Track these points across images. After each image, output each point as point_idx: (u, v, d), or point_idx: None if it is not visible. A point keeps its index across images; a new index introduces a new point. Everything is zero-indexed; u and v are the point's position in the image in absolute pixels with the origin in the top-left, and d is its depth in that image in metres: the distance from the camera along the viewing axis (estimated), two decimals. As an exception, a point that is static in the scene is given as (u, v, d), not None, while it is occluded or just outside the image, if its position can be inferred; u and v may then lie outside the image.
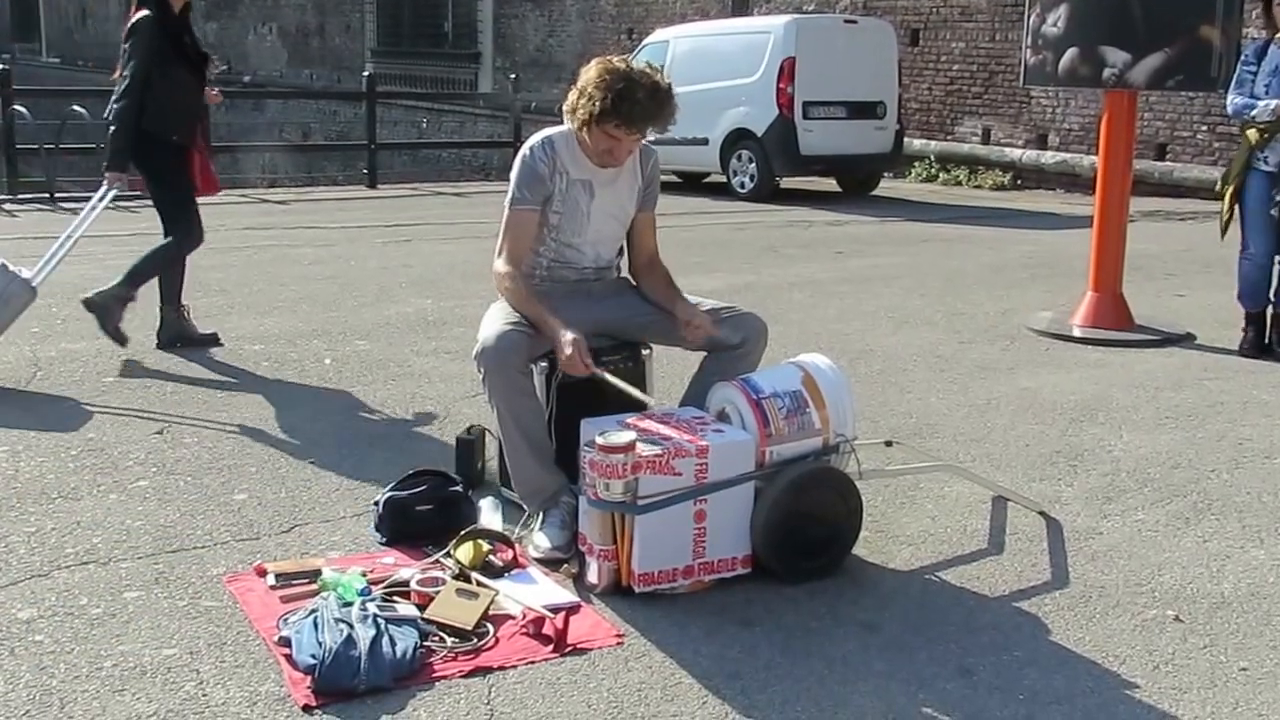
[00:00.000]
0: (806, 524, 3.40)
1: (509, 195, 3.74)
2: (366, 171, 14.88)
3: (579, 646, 3.06)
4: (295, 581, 3.35)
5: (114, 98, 5.69)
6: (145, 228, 10.54)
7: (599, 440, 3.21)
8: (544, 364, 3.67)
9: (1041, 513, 3.97)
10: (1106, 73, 6.14)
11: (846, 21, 13.45)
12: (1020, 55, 6.97)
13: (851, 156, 13.11)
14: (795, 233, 10.77)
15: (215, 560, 3.54)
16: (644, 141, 3.79)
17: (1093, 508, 4.06)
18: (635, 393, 3.60)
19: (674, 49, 13.64)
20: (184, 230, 5.93)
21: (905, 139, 14.15)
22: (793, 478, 3.39)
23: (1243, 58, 6.04)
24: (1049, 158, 14.12)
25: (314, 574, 3.36)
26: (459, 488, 3.78)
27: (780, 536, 3.37)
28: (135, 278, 5.86)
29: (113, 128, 5.68)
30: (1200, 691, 2.91)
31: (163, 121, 5.72)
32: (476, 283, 6.74)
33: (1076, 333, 6.46)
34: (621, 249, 3.99)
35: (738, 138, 13.11)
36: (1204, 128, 12.77)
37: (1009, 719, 2.78)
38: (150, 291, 5.99)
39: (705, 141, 13.20)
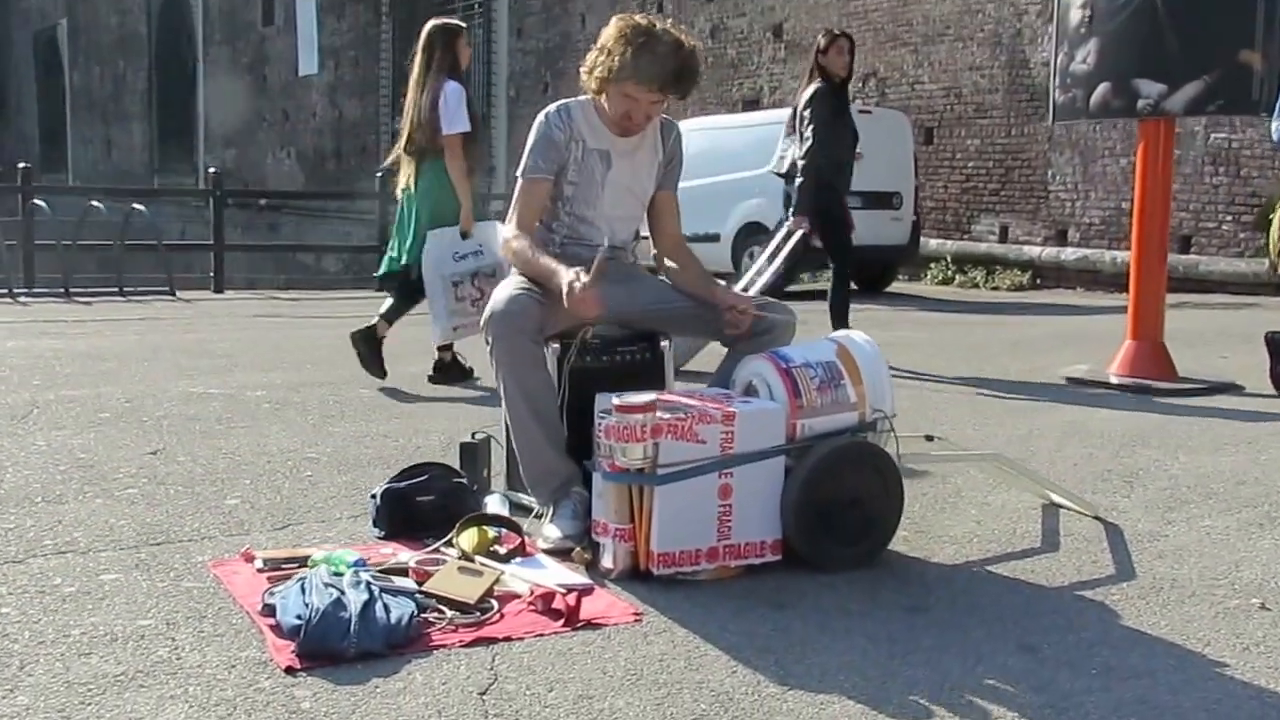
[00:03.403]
0: (843, 505, 3.11)
1: (522, 165, 3.54)
2: (376, 276, 14.74)
3: (593, 622, 2.76)
4: (284, 566, 3.06)
5: (800, 154, 6.80)
6: (134, 315, 10.43)
7: (616, 401, 2.95)
8: (556, 345, 3.43)
9: (1097, 517, 3.66)
10: (1141, 103, 5.96)
11: (861, 111, 13.36)
12: (1048, 94, 6.81)
13: (867, 247, 12.86)
14: (809, 317, 10.52)
15: (201, 551, 3.27)
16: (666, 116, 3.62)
17: (1154, 515, 3.74)
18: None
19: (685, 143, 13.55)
20: (846, 259, 7.15)
21: (921, 239, 14.01)
22: (827, 452, 3.11)
23: None
24: (1069, 254, 13.95)
25: (304, 560, 3.08)
26: (463, 479, 3.50)
27: (814, 518, 3.08)
28: (839, 318, 6.99)
29: (801, 179, 6.79)
30: (1298, 669, 2.58)
31: (833, 173, 6.84)
32: (482, 350, 6.50)
33: (1114, 381, 6.17)
34: (637, 233, 3.77)
35: (750, 233, 12.94)
36: (1229, 218, 12.59)
37: (1082, 691, 2.45)
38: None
39: (716, 238, 13.05)
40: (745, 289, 6.15)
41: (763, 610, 2.86)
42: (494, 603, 2.81)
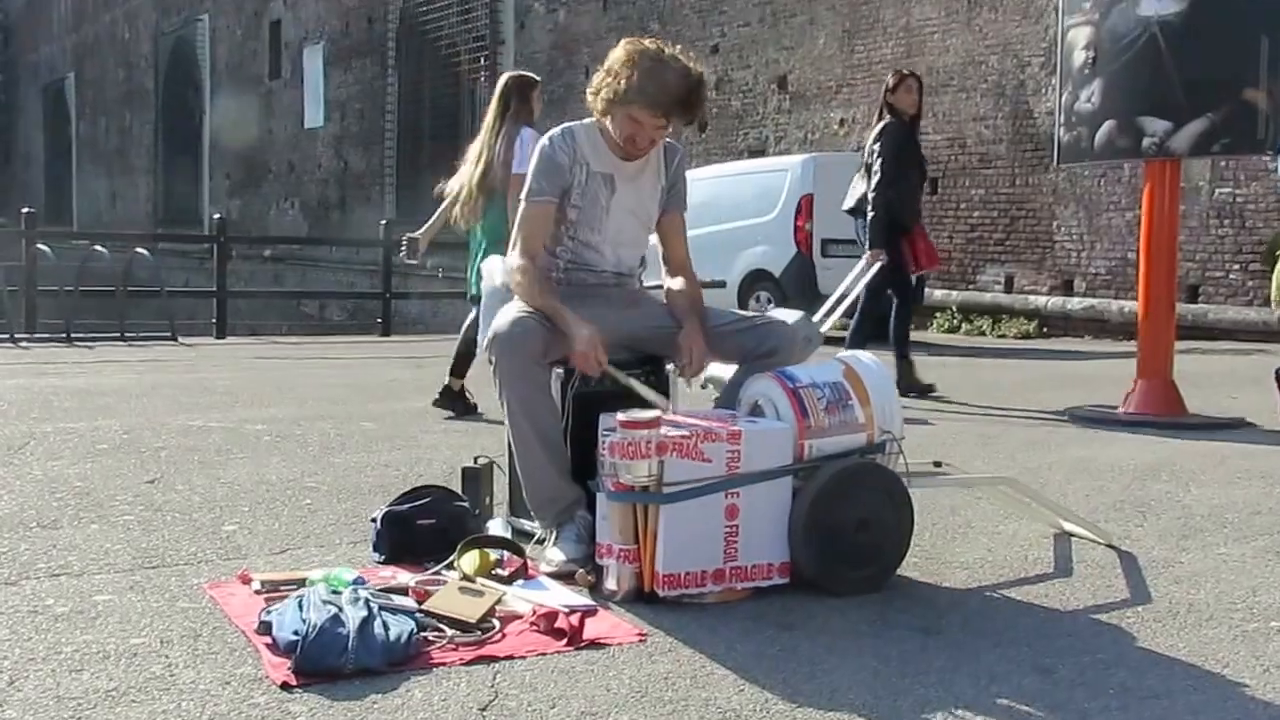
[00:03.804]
0: (851, 527, 3.05)
1: (525, 188, 3.50)
2: (380, 320, 14.74)
3: (597, 642, 2.69)
4: (282, 588, 2.99)
5: (870, 188, 7.06)
6: (135, 357, 10.18)
7: (621, 416, 2.90)
8: (560, 371, 3.38)
9: (1111, 545, 3.59)
10: (1146, 142, 5.93)
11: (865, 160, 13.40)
12: (1054, 134, 6.80)
13: (873, 297, 12.83)
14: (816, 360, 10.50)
15: (197, 574, 3.20)
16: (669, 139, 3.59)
17: (1169, 543, 3.68)
18: (652, 395, 3.28)
19: (690, 192, 13.55)
20: (906, 292, 7.46)
21: (926, 289, 13.93)
22: (836, 473, 3.05)
23: None
24: (1075, 303, 13.90)
25: (302, 582, 3.01)
26: (464, 503, 3.44)
27: (822, 540, 3.02)
28: (900, 344, 7.37)
29: (872, 214, 7.04)
30: (1321, 691, 2.51)
31: (901, 209, 7.09)
32: (488, 388, 6.47)
33: (1124, 418, 6.11)
34: (643, 259, 3.73)
35: (755, 279, 12.90)
36: (1236, 266, 12.56)
37: (1100, 711, 2.39)
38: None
39: (723, 284, 13.00)
40: (821, 321, 6.23)
41: (770, 631, 2.80)
42: (495, 622, 2.75)
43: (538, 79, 6.54)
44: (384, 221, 16.30)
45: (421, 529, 3.31)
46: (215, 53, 35.32)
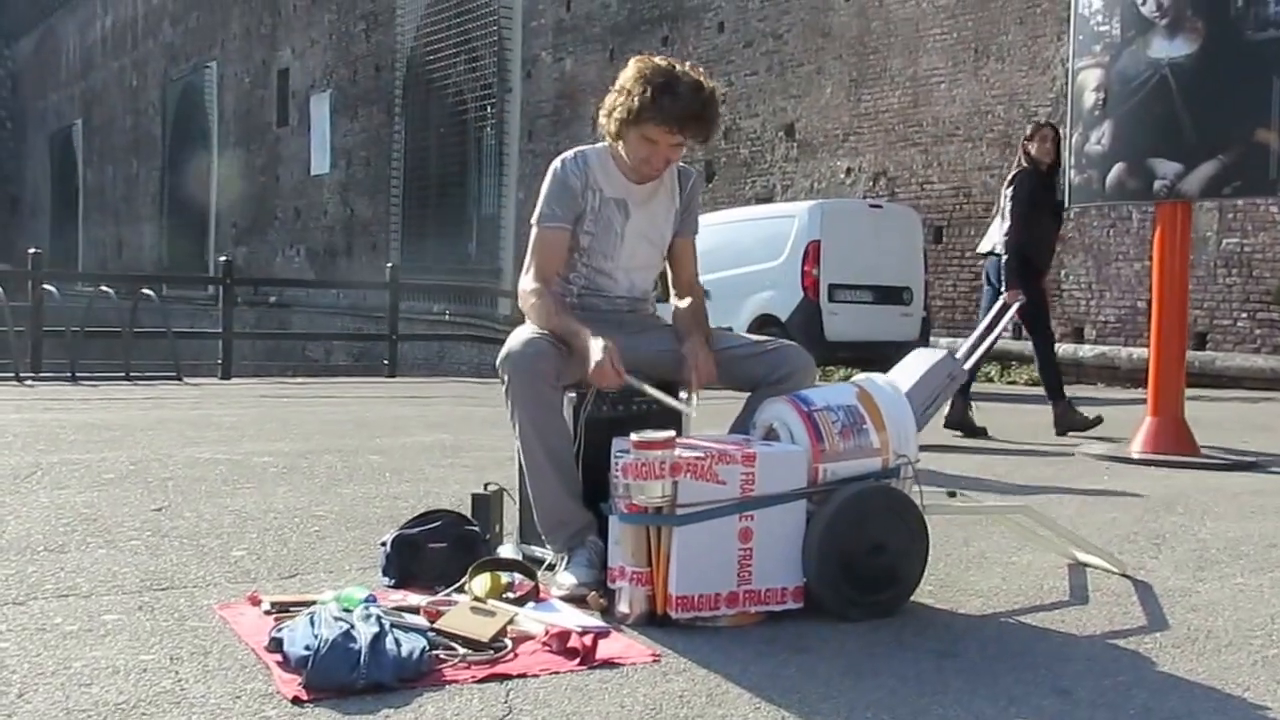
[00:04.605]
0: (866, 551, 3.03)
1: (537, 213, 3.48)
2: (387, 362, 14.75)
3: (611, 662, 2.66)
4: (292, 609, 2.96)
5: (1003, 232, 7.44)
6: (140, 394, 10.14)
7: (635, 437, 2.88)
8: (573, 395, 3.36)
9: (1126, 575, 3.56)
10: (1157, 184, 5.94)
11: (872, 206, 13.42)
12: (1064, 176, 6.81)
13: (879, 343, 12.79)
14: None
15: (206, 596, 3.18)
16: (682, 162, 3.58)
17: (1185, 573, 3.64)
18: (673, 402, 3.27)
19: (697, 238, 13.59)
20: (1048, 332, 7.82)
21: (931, 337, 13.96)
22: (850, 497, 3.03)
23: None
24: (1086, 350, 13.90)
25: (311, 604, 2.98)
26: (475, 527, 3.42)
27: (836, 564, 2.99)
28: (1051, 390, 7.70)
29: (1005, 256, 7.38)
30: (1345, 714, 2.48)
31: (1035, 251, 7.49)
32: (495, 426, 6.45)
33: (1136, 456, 6.08)
34: (657, 283, 3.71)
35: (762, 324, 12.88)
36: (1244, 315, 12.58)
37: (1120, 732, 2.35)
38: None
39: (729, 330, 12.99)
40: (965, 359, 6.31)
41: (785, 654, 2.76)
42: (508, 641, 2.72)
43: None
44: (390, 265, 16.35)
45: (432, 552, 3.28)
46: (223, 100, 35.63)
